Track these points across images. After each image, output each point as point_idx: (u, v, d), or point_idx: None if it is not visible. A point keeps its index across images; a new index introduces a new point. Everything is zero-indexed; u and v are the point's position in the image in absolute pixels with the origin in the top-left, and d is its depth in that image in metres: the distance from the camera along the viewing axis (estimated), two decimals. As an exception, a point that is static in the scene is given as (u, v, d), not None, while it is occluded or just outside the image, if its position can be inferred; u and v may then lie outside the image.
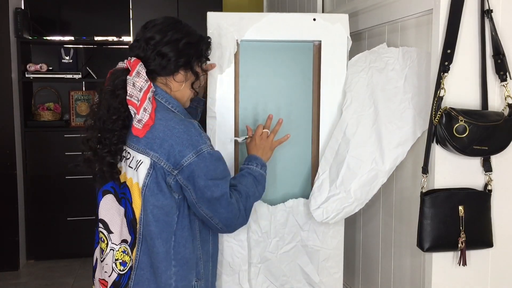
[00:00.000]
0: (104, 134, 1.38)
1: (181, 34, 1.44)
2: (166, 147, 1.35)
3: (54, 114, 3.83)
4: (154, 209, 1.37)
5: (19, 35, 3.60)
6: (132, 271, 1.41)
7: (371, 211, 1.96)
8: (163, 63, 1.42)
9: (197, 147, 1.36)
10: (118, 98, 1.37)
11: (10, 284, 3.40)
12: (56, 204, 3.74)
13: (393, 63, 1.64)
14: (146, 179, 1.36)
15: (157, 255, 1.38)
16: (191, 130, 1.37)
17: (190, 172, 1.35)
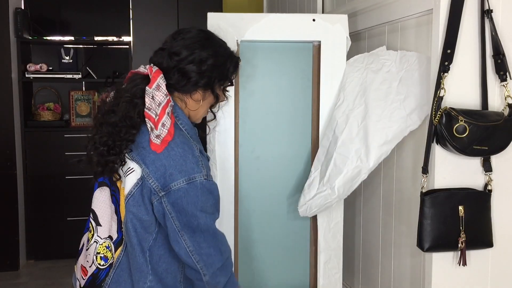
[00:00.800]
0: (114, 139, 1.33)
1: (207, 53, 1.38)
2: (158, 165, 1.30)
3: (54, 114, 3.83)
4: (134, 219, 1.34)
5: (19, 35, 3.60)
6: (112, 269, 1.39)
7: (371, 211, 1.96)
8: (182, 81, 1.38)
9: (190, 174, 1.30)
10: (136, 109, 1.33)
11: (10, 284, 3.40)
12: (56, 204, 3.74)
13: (389, 65, 1.64)
14: (133, 189, 1.33)
15: (136, 263, 1.36)
16: (188, 157, 1.31)
17: (176, 198, 1.29)
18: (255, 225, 1.78)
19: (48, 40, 3.86)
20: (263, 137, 1.75)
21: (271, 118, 1.75)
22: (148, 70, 1.36)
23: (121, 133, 1.33)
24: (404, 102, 1.60)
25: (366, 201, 2.01)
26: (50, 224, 3.74)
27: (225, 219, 1.73)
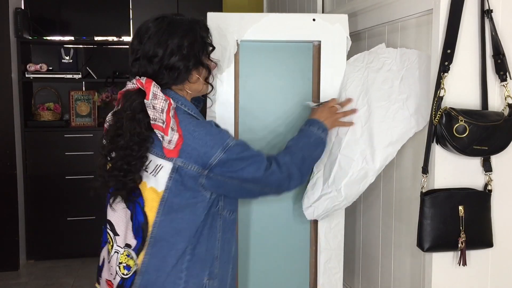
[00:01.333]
0: (128, 161, 1.34)
1: (180, 37, 1.39)
2: (189, 151, 1.33)
3: (54, 114, 3.83)
4: (179, 209, 1.36)
5: (19, 35, 3.60)
6: (137, 276, 1.38)
7: (371, 211, 1.96)
8: (173, 75, 1.39)
9: (222, 143, 1.35)
10: (141, 123, 1.34)
11: (10, 284, 3.40)
12: (56, 204, 3.74)
13: (390, 63, 1.64)
14: (169, 183, 1.35)
15: (170, 252, 1.37)
16: (211, 130, 1.37)
17: (222, 167, 1.34)
18: (255, 225, 1.77)
19: (48, 40, 3.86)
20: (263, 137, 1.75)
21: (271, 118, 1.75)
22: (138, 84, 1.35)
23: (133, 152, 1.33)
24: (407, 101, 1.59)
25: (366, 201, 2.01)
26: (50, 224, 3.75)
27: (225, 219, 1.74)
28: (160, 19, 1.43)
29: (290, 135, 1.75)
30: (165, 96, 1.34)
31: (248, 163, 1.38)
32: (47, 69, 3.78)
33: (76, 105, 3.85)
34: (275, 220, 1.78)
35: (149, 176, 1.37)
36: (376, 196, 1.91)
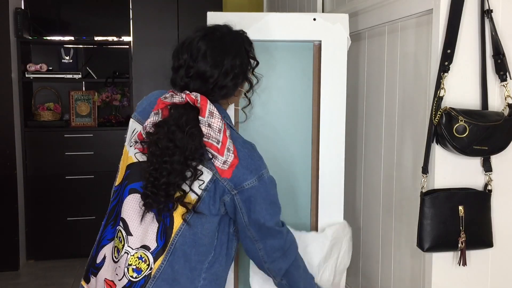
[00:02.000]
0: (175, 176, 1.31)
1: (233, 57, 1.38)
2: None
3: (54, 114, 3.83)
4: (205, 222, 1.34)
5: (19, 35, 3.60)
6: (150, 280, 1.33)
7: (371, 211, 1.96)
8: (223, 93, 1.40)
9: (259, 171, 1.36)
10: (196, 139, 1.31)
11: (10, 284, 3.40)
12: (56, 204, 3.74)
13: None
14: (203, 192, 1.33)
15: (188, 265, 1.35)
16: (254, 154, 1.38)
17: (249, 196, 1.34)
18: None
19: (48, 40, 3.86)
20: (263, 137, 1.75)
21: (271, 118, 1.75)
22: (188, 98, 1.33)
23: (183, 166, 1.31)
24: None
25: (366, 201, 2.01)
26: (50, 224, 3.75)
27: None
28: (210, 35, 1.40)
29: (290, 135, 1.75)
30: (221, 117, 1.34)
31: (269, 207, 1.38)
32: (47, 69, 3.77)
33: (76, 105, 3.85)
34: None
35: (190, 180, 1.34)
36: (376, 196, 1.91)
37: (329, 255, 1.68)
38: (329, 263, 1.67)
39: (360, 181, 2.07)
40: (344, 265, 1.71)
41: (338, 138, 1.75)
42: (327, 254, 1.68)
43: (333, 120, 1.74)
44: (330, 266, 1.67)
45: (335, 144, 1.75)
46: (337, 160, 1.75)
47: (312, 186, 1.78)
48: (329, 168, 1.75)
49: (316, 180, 1.77)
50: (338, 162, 1.76)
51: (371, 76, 1.96)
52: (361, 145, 2.06)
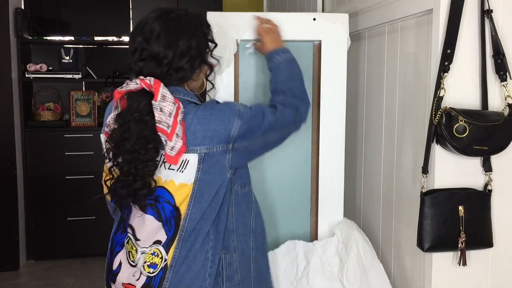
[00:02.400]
0: (135, 164, 1.30)
1: (188, 37, 1.36)
2: (210, 134, 1.33)
3: (54, 114, 3.83)
4: (209, 197, 1.37)
5: (19, 35, 3.60)
6: (167, 270, 1.36)
7: (371, 211, 1.96)
8: (180, 75, 1.37)
9: (234, 114, 1.35)
10: (148, 125, 1.30)
11: (10, 284, 3.40)
12: (56, 204, 3.74)
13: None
14: (197, 174, 1.34)
15: (198, 238, 1.37)
16: (219, 107, 1.37)
17: (243, 133, 1.36)
18: (255, 225, 1.77)
19: (48, 40, 3.86)
20: (263, 137, 1.75)
21: (271, 118, 1.75)
22: (143, 84, 1.31)
23: (140, 155, 1.30)
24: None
25: (366, 201, 2.01)
26: (50, 224, 3.75)
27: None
28: (164, 16, 1.39)
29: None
30: (175, 100, 1.32)
31: (261, 115, 1.39)
32: (47, 69, 3.77)
33: (76, 105, 3.85)
34: (275, 221, 1.78)
35: (176, 173, 1.34)
36: (376, 196, 1.90)
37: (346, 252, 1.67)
38: (350, 260, 1.66)
39: (360, 181, 2.07)
40: (371, 255, 1.68)
41: (338, 138, 1.75)
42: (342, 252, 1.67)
43: (333, 120, 1.74)
44: (352, 263, 1.65)
45: (335, 144, 1.75)
46: (337, 160, 1.75)
47: (312, 186, 1.78)
48: (329, 168, 1.75)
49: (316, 180, 1.77)
50: (338, 162, 1.76)
51: (371, 76, 1.96)
52: (361, 145, 2.06)
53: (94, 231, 3.68)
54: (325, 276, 1.66)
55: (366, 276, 1.65)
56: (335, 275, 1.65)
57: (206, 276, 1.38)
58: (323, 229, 1.77)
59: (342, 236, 1.69)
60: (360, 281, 1.63)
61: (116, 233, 1.47)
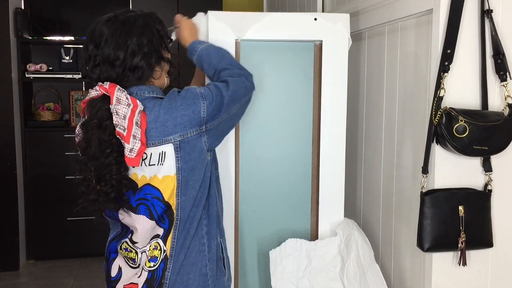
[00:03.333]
0: (101, 170, 1.32)
1: (138, 36, 1.38)
2: (180, 120, 1.35)
3: (54, 114, 3.83)
4: (196, 184, 1.39)
5: (19, 35, 3.60)
6: (168, 261, 1.39)
7: (371, 211, 1.96)
8: (137, 75, 1.38)
9: (197, 96, 1.38)
10: (107, 131, 1.32)
11: (10, 284, 3.40)
12: (56, 204, 3.74)
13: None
14: (178, 163, 1.36)
15: (192, 224, 1.41)
16: (182, 94, 1.39)
17: (212, 113, 1.38)
18: (256, 225, 1.77)
19: (48, 40, 3.86)
20: (264, 137, 1.75)
21: (272, 118, 1.75)
22: (101, 90, 1.33)
23: (104, 160, 1.31)
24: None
25: (366, 201, 2.01)
26: (50, 224, 3.75)
27: (226, 219, 1.73)
28: (112, 19, 1.43)
29: (291, 135, 1.75)
30: (131, 98, 1.32)
31: (219, 91, 1.41)
32: (47, 69, 3.78)
33: (76, 105, 3.85)
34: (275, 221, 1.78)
35: (158, 167, 1.36)
36: (376, 196, 1.91)
37: (346, 252, 1.67)
38: (350, 260, 1.66)
39: (360, 181, 2.07)
40: (369, 256, 1.68)
41: (339, 138, 1.75)
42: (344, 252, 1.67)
43: (334, 120, 1.74)
44: (352, 262, 1.66)
45: (336, 144, 1.75)
46: (337, 160, 1.75)
47: (312, 186, 1.78)
48: (330, 168, 1.75)
49: (316, 180, 1.77)
50: (339, 162, 1.76)
51: (371, 76, 1.96)
52: (361, 145, 2.06)
53: (94, 231, 3.67)
54: (327, 275, 1.66)
55: (365, 276, 1.65)
56: (336, 274, 1.65)
57: (206, 261, 1.42)
58: (323, 229, 1.77)
59: (344, 235, 1.69)
60: (360, 281, 1.64)
61: (111, 241, 1.49)
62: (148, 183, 1.37)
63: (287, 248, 1.68)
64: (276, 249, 1.68)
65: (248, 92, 1.50)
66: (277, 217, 1.78)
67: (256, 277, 1.79)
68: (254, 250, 1.78)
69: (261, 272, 1.78)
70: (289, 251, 1.68)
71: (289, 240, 1.69)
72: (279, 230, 1.78)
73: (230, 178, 1.73)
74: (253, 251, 1.78)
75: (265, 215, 1.78)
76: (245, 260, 1.79)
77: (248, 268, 1.79)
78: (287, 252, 1.68)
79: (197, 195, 1.40)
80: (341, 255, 1.67)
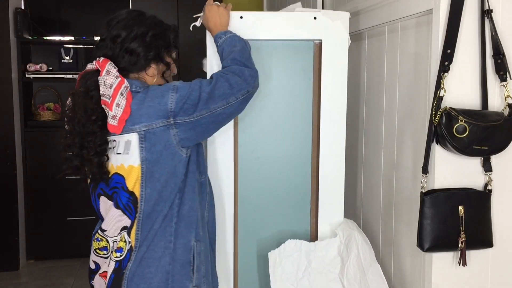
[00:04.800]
0: (86, 137, 1.39)
1: (146, 27, 1.45)
2: (146, 111, 1.37)
3: (54, 114, 3.83)
4: (161, 177, 1.40)
5: (19, 35, 3.60)
6: (133, 252, 1.43)
7: (371, 211, 1.96)
8: (132, 60, 1.44)
9: (169, 89, 1.39)
10: (93, 99, 1.38)
11: (10, 284, 3.40)
12: (56, 204, 3.74)
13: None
14: (142, 154, 1.38)
15: (158, 219, 1.42)
16: (157, 87, 1.42)
17: (183, 106, 1.37)
18: (255, 226, 1.77)
19: (48, 40, 3.85)
20: (263, 137, 1.75)
21: (271, 118, 1.75)
22: (96, 64, 1.40)
23: (87, 128, 1.38)
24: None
25: (366, 201, 2.01)
26: (50, 224, 3.75)
27: (225, 220, 1.73)
28: (135, 10, 1.50)
29: (290, 135, 1.75)
30: (120, 76, 1.39)
31: (198, 87, 1.40)
32: (47, 69, 3.77)
33: (76, 105, 3.85)
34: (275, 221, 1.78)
35: (124, 156, 1.40)
36: (376, 196, 1.91)
37: (346, 252, 1.67)
38: (350, 260, 1.66)
39: (360, 181, 2.07)
40: (370, 256, 1.68)
41: (339, 138, 1.75)
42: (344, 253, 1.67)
43: (334, 119, 1.74)
44: (353, 263, 1.66)
45: (336, 144, 1.75)
46: (337, 160, 1.75)
47: (312, 186, 1.78)
48: (330, 168, 1.75)
49: (316, 180, 1.77)
50: (339, 162, 1.76)
51: (371, 76, 1.96)
52: (361, 145, 2.06)
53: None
54: (326, 276, 1.66)
55: (365, 277, 1.65)
56: (336, 275, 1.65)
57: (170, 260, 1.43)
58: (323, 230, 1.77)
59: (344, 236, 1.69)
60: (360, 282, 1.63)
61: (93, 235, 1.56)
62: (116, 172, 1.42)
63: (286, 249, 1.68)
64: (276, 250, 1.68)
65: (239, 91, 1.43)
66: (276, 218, 1.78)
67: (256, 278, 1.79)
68: (254, 251, 1.78)
69: (260, 273, 1.78)
70: (289, 252, 1.67)
71: (289, 241, 1.69)
72: (279, 231, 1.78)
73: (229, 179, 1.73)
74: (253, 252, 1.78)
75: (265, 216, 1.78)
76: (245, 261, 1.78)
77: (248, 269, 1.79)
78: (287, 253, 1.67)
79: (164, 190, 1.41)
80: (341, 256, 1.67)
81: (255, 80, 1.48)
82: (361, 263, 1.65)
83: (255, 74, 1.49)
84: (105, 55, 1.42)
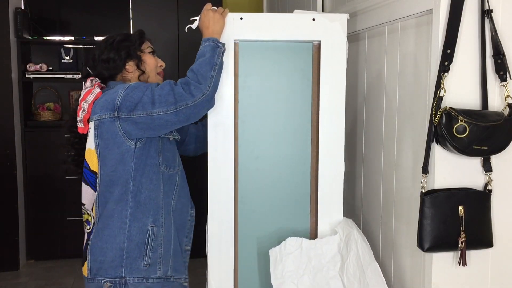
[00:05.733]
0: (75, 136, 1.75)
1: (111, 39, 1.73)
2: (101, 103, 1.61)
3: (54, 114, 3.83)
4: (111, 160, 1.62)
5: (19, 35, 3.60)
6: (94, 226, 1.67)
7: (371, 211, 1.96)
8: (111, 65, 1.71)
9: (124, 86, 1.61)
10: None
11: (10, 284, 3.40)
12: (56, 204, 3.74)
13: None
14: (95, 140, 1.62)
15: (111, 200, 1.63)
16: (119, 85, 1.65)
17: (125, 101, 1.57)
18: (255, 225, 1.78)
19: (48, 40, 3.86)
20: (262, 137, 1.75)
21: (271, 118, 1.75)
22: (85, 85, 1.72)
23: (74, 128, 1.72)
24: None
25: (366, 201, 2.01)
26: (50, 224, 3.75)
27: (226, 219, 1.74)
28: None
29: (289, 135, 1.75)
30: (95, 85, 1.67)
31: (145, 89, 1.58)
32: (47, 69, 3.77)
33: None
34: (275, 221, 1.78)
35: (89, 140, 1.66)
36: (376, 196, 1.91)
37: (346, 250, 1.67)
38: (350, 258, 1.66)
39: (360, 181, 2.07)
40: (369, 255, 1.68)
41: (338, 138, 1.75)
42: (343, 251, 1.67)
43: (333, 120, 1.74)
44: (352, 261, 1.66)
45: (335, 144, 1.75)
46: (336, 160, 1.76)
47: (311, 186, 1.78)
48: (329, 168, 1.75)
49: (315, 180, 1.77)
50: (338, 162, 1.76)
51: (371, 76, 1.96)
52: (361, 145, 2.06)
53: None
54: (327, 274, 1.66)
55: (364, 275, 1.65)
56: (336, 273, 1.66)
57: (125, 239, 1.63)
58: (322, 229, 1.77)
59: (343, 234, 1.69)
60: (359, 280, 1.64)
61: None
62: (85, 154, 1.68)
63: (287, 246, 1.68)
64: (276, 248, 1.69)
65: (178, 102, 1.53)
66: (276, 217, 1.78)
67: (256, 276, 1.79)
68: (254, 250, 1.78)
69: (261, 271, 1.78)
70: (289, 250, 1.68)
71: (289, 238, 1.69)
72: (278, 230, 1.79)
73: (229, 178, 1.73)
74: (253, 250, 1.78)
75: (265, 214, 1.78)
76: (245, 259, 1.79)
77: (248, 267, 1.79)
78: (287, 251, 1.67)
79: (114, 174, 1.62)
80: (341, 253, 1.67)
81: (201, 96, 1.55)
82: (360, 261, 1.66)
83: (203, 91, 1.55)
84: (88, 75, 1.75)
